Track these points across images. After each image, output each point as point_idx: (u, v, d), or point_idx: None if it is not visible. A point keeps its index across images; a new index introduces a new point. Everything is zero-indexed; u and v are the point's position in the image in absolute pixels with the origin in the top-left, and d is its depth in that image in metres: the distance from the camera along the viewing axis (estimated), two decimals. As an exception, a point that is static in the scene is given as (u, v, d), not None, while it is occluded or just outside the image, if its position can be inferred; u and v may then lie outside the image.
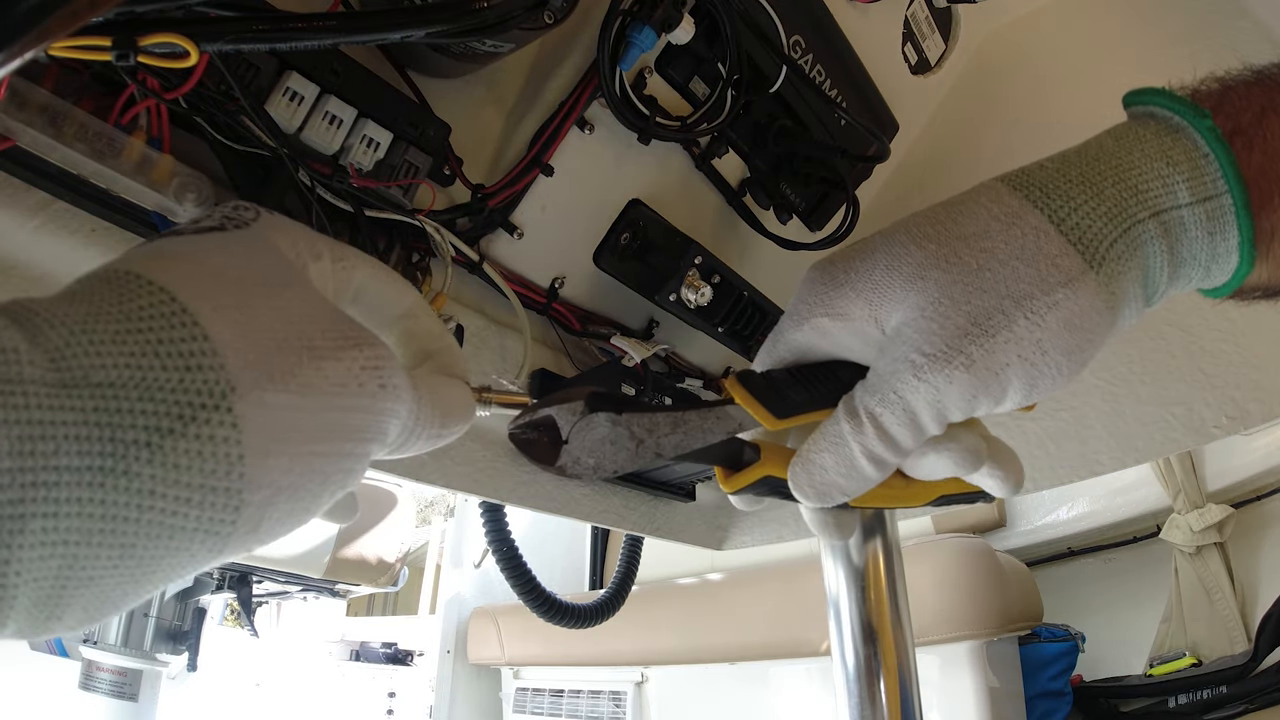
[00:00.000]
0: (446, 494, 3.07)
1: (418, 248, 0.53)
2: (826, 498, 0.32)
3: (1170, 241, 0.28)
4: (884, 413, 0.29)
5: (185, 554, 0.20)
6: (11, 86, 0.33)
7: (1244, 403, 0.63)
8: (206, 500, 0.20)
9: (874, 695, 0.54)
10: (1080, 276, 0.27)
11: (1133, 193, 0.28)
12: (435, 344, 0.32)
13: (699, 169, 0.65)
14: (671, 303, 0.61)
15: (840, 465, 0.31)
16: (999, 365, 0.27)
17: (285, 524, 0.23)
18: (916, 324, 0.28)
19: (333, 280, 0.28)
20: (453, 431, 0.29)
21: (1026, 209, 0.28)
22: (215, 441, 0.20)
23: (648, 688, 2.27)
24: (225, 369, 0.20)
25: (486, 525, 0.92)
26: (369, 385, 0.24)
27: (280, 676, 3.34)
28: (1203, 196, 0.28)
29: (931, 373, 0.28)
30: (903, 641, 0.56)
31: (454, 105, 0.52)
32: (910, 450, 0.30)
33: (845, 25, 0.64)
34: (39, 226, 0.39)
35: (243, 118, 0.40)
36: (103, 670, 2.06)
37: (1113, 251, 0.28)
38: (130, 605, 0.21)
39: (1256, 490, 2.13)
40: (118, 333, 0.20)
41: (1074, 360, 0.28)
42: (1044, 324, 0.27)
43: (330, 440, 0.23)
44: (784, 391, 0.32)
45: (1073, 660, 1.86)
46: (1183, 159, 0.28)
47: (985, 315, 0.27)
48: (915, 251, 0.29)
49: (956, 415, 0.29)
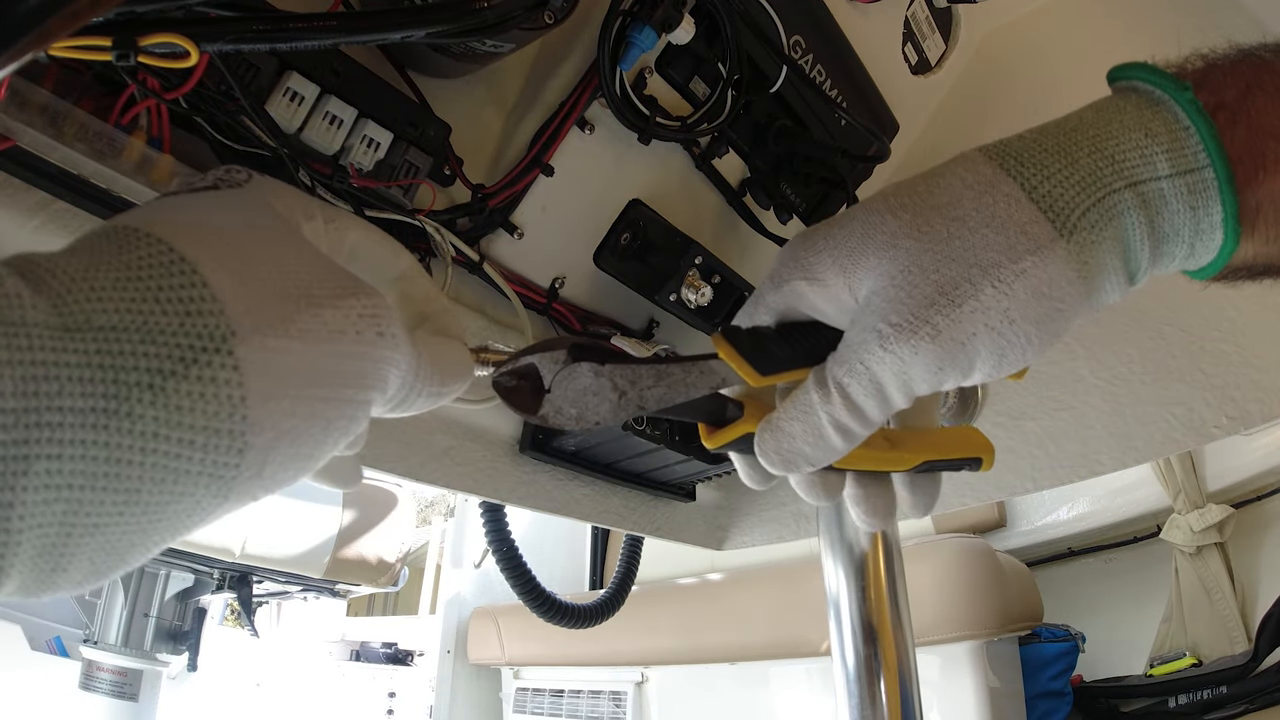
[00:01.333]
0: (446, 494, 3.07)
1: (418, 248, 0.53)
2: (791, 465, 0.31)
3: (1149, 214, 0.28)
4: (851, 383, 0.29)
5: (190, 500, 0.20)
6: (12, 86, 0.33)
7: (1244, 403, 0.63)
8: (210, 442, 0.20)
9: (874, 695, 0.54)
10: (1049, 245, 0.27)
11: (1109, 162, 0.28)
12: (431, 306, 0.32)
13: (699, 169, 0.65)
14: (671, 303, 0.61)
15: (808, 434, 0.31)
16: (965, 335, 0.27)
17: (289, 469, 0.23)
18: (885, 293, 0.28)
19: (326, 240, 0.28)
20: (452, 389, 0.30)
21: (1000, 177, 0.28)
22: (217, 384, 0.20)
23: (648, 688, 2.27)
24: (225, 314, 0.21)
25: (486, 525, 0.92)
26: (367, 332, 0.24)
27: (280, 676, 3.34)
28: (1183, 169, 0.27)
29: (897, 343, 0.28)
30: (903, 641, 0.56)
31: (454, 105, 0.52)
32: (878, 422, 0.30)
33: (845, 25, 0.64)
34: (39, 226, 0.39)
35: (243, 118, 0.40)
36: (103, 670, 2.06)
37: (1085, 220, 0.27)
38: (138, 558, 0.21)
39: (1256, 490, 2.13)
40: (118, 280, 0.20)
41: (1044, 330, 0.28)
42: (1011, 292, 0.27)
43: (331, 385, 0.23)
44: (769, 348, 0.32)
45: (1073, 660, 1.86)
46: (1162, 131, 0.28)
47: (952, 284, 0.27)
48: (890, 220, 0.29)
49: (923, 387, 0.29)
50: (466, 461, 0.62)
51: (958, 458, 0.35)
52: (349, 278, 0.25)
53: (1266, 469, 2.05)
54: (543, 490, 0.70)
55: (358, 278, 0.26)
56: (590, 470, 0.72)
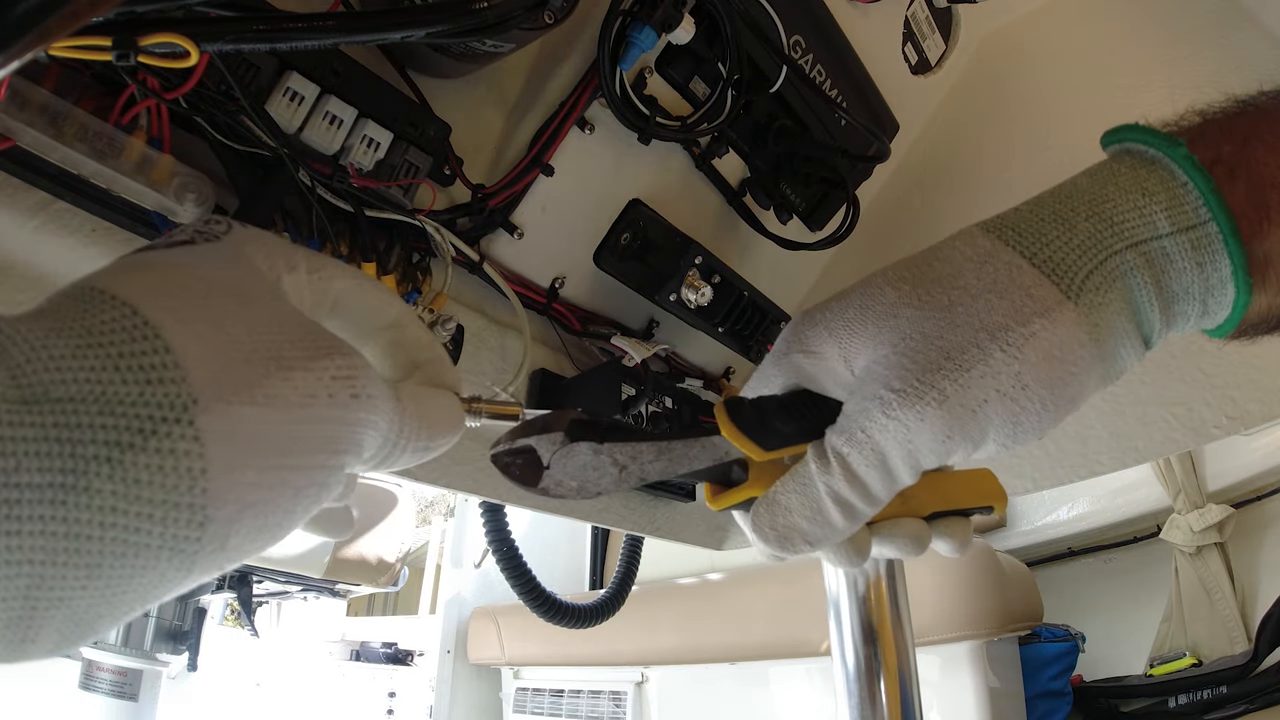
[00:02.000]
0: (446, 494, 3.07)
1: (418, 248, 0.53)
2: (788, 544, 0.30)
3: (1155, 273, 0.27)
4: (852, 453, 0.28)
5: (154, 573, 0.20)
6: (12, 86, 0.33)
7: (1244, 403, 0.63)
8: (169, 516, 0.19)
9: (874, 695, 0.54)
10: (1057, 306, 0.26)
11: (1107, 224, 0.27)
12: (423, 354, 0.31)
13: (699, 169, 0.65)
14: (671, 303, 0.61)
15: (806, 509, 0.29)
16: (975, 401, 0.26)
17: (256, 541, 0.22)
18: (887, 360, 0.27)
19: (309, 291, 0.28)
20: (440, 444, 0.29)
21: (999, 247, 0.28)
22: (176, 455, 0.19)
23: (648, 688, 2.27)
24: (187, 381, 0.20)
25: (486, 525, 0.92)
26: (340, 395, 0.23)
27: (280, 676, 3.34)
28: (1184, 225, 0.27)
29: (901, 409, 0.26)
30: (903, 641, 0.56)
31: (454, 105, 0.52)
32: (883, 499, 0.29)
33: (845, 25, 0.64)
34: (39, 226, 0.39)
35: (243, 118, 0.40)
36: (103, 670, 2.06)
37: (1090, 282, 0.27)
38: (107, 628, 0.21)
39: (1256, 490, 2.13)
40: (78, 347, 0.19)
41: (1059, 395, 0.27)
42: (1022, 356, 0.26)
43: (299, 453, 0.22)
44: (771, 423, 0.31)
45: (1073, 660, 1.86)
46: (1159, 189, 0.27)
47: (959, 349, 0.26)
48: (889, 292, 0.29)
49: (930, 459, 0.27)
50: (466, 461, 0.62)
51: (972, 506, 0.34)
52: (324, 337, 0.24)
53: (1266, 469, 2.05)
54: (543, 490, 0.70)
55: (334, 337, 0.25)
56: (590, 470, 0.72)
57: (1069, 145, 0.73)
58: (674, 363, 0.75)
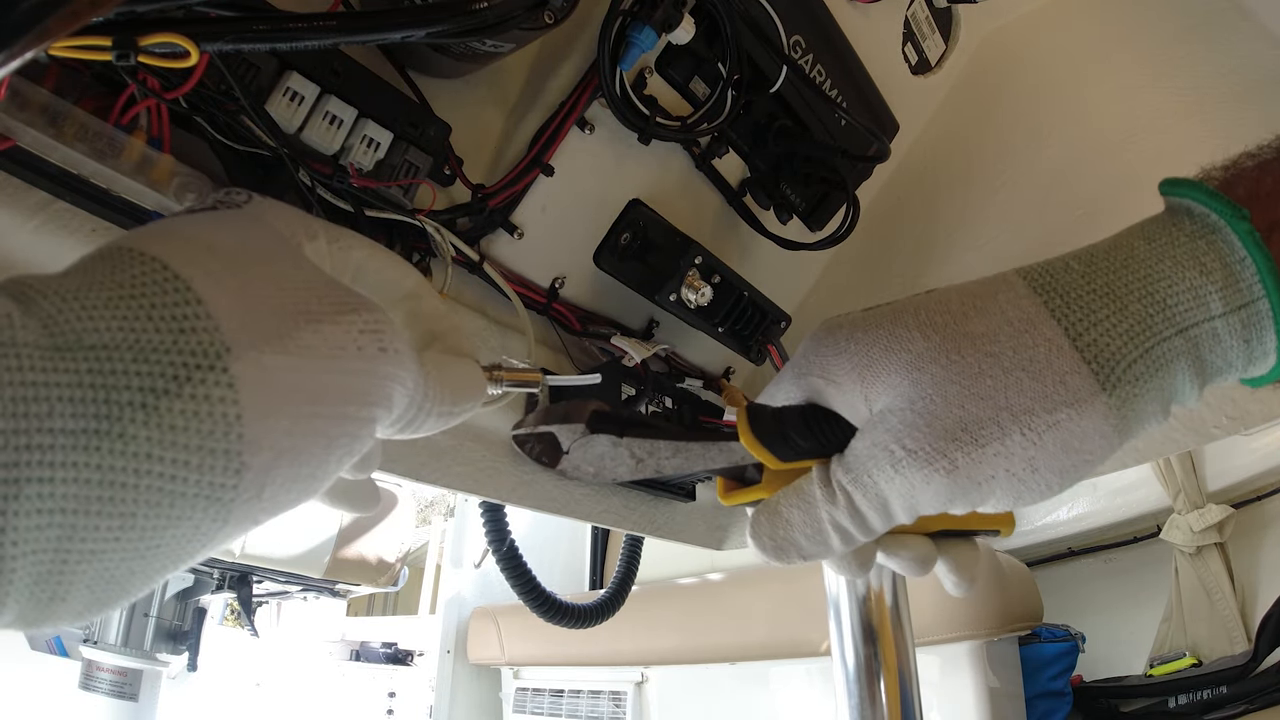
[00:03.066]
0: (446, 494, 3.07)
1: (418, 248, 0.53)
2: (783, 555, 0.30)
3: (1199, 354, 0.27)
4: (855, 493, 0.28)
5: (188, 524, 0.20)
6: (12, 86, 0.33)
7: (1244, 403, 0.63)
8: (205, 463, 0.19)
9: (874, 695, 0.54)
10: (1090, 399, 0.25)
11: (1160, 308, 0.26)
12: (441, 324, 0.32)
13: (699, 169, 0.65)
14: (671, 303, 0.61)
15: (806, 526, 0.29)
16: (983, 476, 0.26)
17: (291, 491, 0.22)
18: (904, 415, 0.27)
19: (329, 260, 0.28)
20: (464, 409, 0.29)
21: (1043, 316, 0.26)
22: (211, 401, 0.19)
23: (648, 688, 2.27)
24: (220, 330, 0.20)
25: (486, 525, 0.92)
26: (369, 348, 0.24)
27: (280, 676, 3.34)
28: (1237, 305, 0.26)
29: (909, 469, 0.27)
30: (903, 641, 0.56)
31: (454, 105, 0.52)
32: (879, 532, 0.29)
33: (845, 25, 0.64)
34: (39, 226, 0.39)
35: (243, 118, 0.40)
36: (103, 670, 2.06)
37: (1130, 373, 0.26)
38: (138, 588, 0.20)
39: (1256, 490, 2.13)
40: (110, 299, 0.20)
41: (1066, 479, 0.27)
42: (1040, 443, 0.26)
43: (331, 402, 0.22)
44: (790, 436, 0.31)
45: (1073, 660, 1.86)
46: (1217, 266, 0.26)
47: (978, 423, 0.26)
48: (919, 340, 0.28)
49: (928, 510, 0.28)
50: (466, 461, 0.62)
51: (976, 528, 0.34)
52: (350, 294, 0.25)
53: (1266, 469, 2.05)
54: (543, 490, 0.70)
55: (359, 294, 0.25)
56: (590, 470, 0.72)
57: (1069, 145, 0.73)
58: (674, 363, 0.75)
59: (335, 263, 0.28)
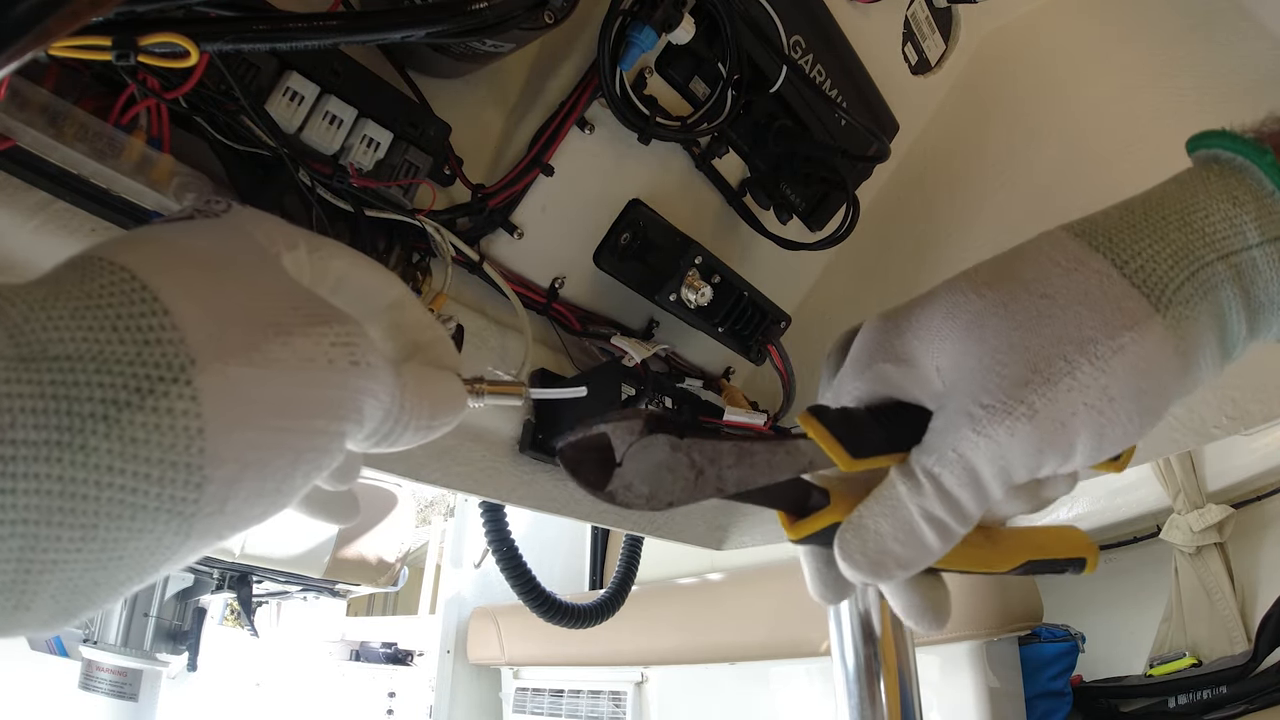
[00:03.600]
0: (446, 494, 3.07)
1: (418, 248, 0.53)
2: (881, 569, 0.29)
3: (1244, 284, 0.27)
4: (943, 472, 0.27)
5: (150, 536, 0.20)
6: (12, 86, 0.33)
7: (1244, 403, 0.63)
8: (166, 476, 0.19)
9: (874, 695, 0.54)
10: (1146, 320, 0.26)
11: (1199, 235, 0.27)
12: (424, 335, 0.32)
13: (699, 169, 0.65)
14: (671, 303, 0.61)
15: (898, 531, 0.28)
16: (1065, 415, 0.26)
17: (255, 505, 0.22)
18: (974, 375, 0.27)
19: (309, 269, 0.28)
20: (443, 423, 0.29)
21: (1088, 253, 0.27)
22: (174, 414, 0.19)
23: (648, 688, 2.27)
24: (185, 343, 0.20)
25: (486, 525, 0.92)
26: (340, 361, 0.23)
27: (280, 676, 3.34)
28: (1273, 235, 0.27)
29: (991, 425, 0.26)
30: (903, 641, 0.56)
31: (454, 105, 0.52)
32: (975, 516, 0.28)
33: (845, 25, 0.64)
34: (39, 226, 0.39)
35: (243, 118, 0.40)
36: (103, 670, 2.06)
37: (1180, 294, 0.26)
38: (104, 598, 0.20)
39: (1256, 490, 2.12)
40: (76, 309, 0.20)
41: (1144, 408, 0.27)
42: (1110, 369, 0.26)
43: (298, 415, 0.22)
44: (861, 429, 0.29)
45: (1073, 660, 1.86)
46: (1249, 199, 0.27)
47: (1046, 362, 0.26)
48: (974, 299, 0.28)
49: (1021, 473, 0.27)
50: (466, 461, 0.62)
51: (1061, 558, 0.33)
52: (323, 305, 0.24)
53: (1266, 469, 2.05)
54: (543, 490, 0.70)
55: (333, 306, 0.25)
56: (590, 470, 0.72)
57: (1069, 144, 0.73)
58: (674, 363, 0.75)
59: (315, 273, 0.28)
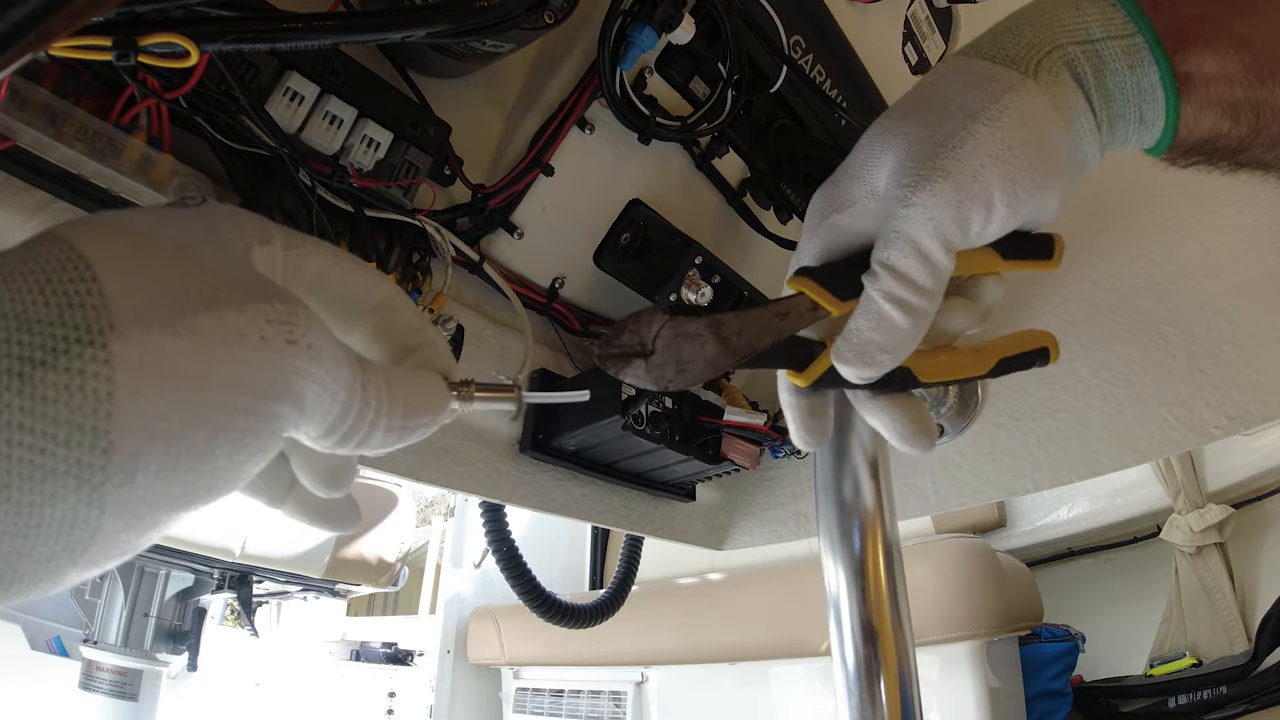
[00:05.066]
0: (446, 494, 3.07)
1: (418, 248, 0.53)
2: (868, 359, 0.33)
3: (1095, 66, 0.32)
4: (890, 253, 0.32)
5: (64, 505, 0.20)
6: (12, 86, 0.33)
7: (1244, 403, 0.63)
8: (73, 439, 0.19)
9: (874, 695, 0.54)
10: (1020, 83, 0.31)
11: (1049, 28, 0.32)
12: (414, 339, 0.31)
13: (699, 169, 0.65)
14: (671, 303, 0.61)
15: (872, 322, 0.32)
16: (974, 168, 0.30)
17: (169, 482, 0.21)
18: (896, 169, 0.32)
19: (282, 265, 0.27)
20: (418, 424, 0.28)
21: (970, 58, 0.33)
22: (85, 376, 0.19)
23: (648, 688, 2.27)
24: (108, 309, 0.20)
25: (486, 525, 0.92)
26: (274, 339, 0.23)
27: (280, 676, 3.34)
28: (1115, 34, 0.31)
29: (916, 194, 0.31)
30: (903, 641, 0.56)
31: (454, 105, 0.52)
32: (931, 288, 0.32)
33: (845, 25, 0.64)
34: (39, 226, 0.39)
35: (243, 118, 0.40)
36: (103, 670, 2.06)
37: (1044, 65, 0.31)
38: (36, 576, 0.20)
39: (1256, 490, 2.12)
40: (10, 274, 0.20)
41: (1043, 156, 0.31)
42: (1001, 123, 0.30)
43: (219, 390, 0.21)
44: (840, 276, 0.34)
45: (1073, 660, 1.86)
46: (1091, 6, 0.32)
47: (948, 134, 0.31)
48: (886, 121, 0.33)
49: (955, 231, 0.31)
50: (466, 461, 0.62)
51: (1031, 350, 0.38)
52: (268, 285, 0.24)
53: (1266, 469, 2.05)
54: (543, 490, 0.70)
55: (282, 289, 0.24)
56: (590, 470, 0.72)
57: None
58: (674, 363, 0.75)
59: (289, 269, 0.27)
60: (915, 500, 0.80)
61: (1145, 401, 0.68)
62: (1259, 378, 0.63)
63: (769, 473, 0.93)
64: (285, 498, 0.31)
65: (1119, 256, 0.70)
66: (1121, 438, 0.69)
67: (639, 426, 0.66)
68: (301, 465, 0.30)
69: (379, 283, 0.30)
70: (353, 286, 0.30)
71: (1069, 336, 0.72)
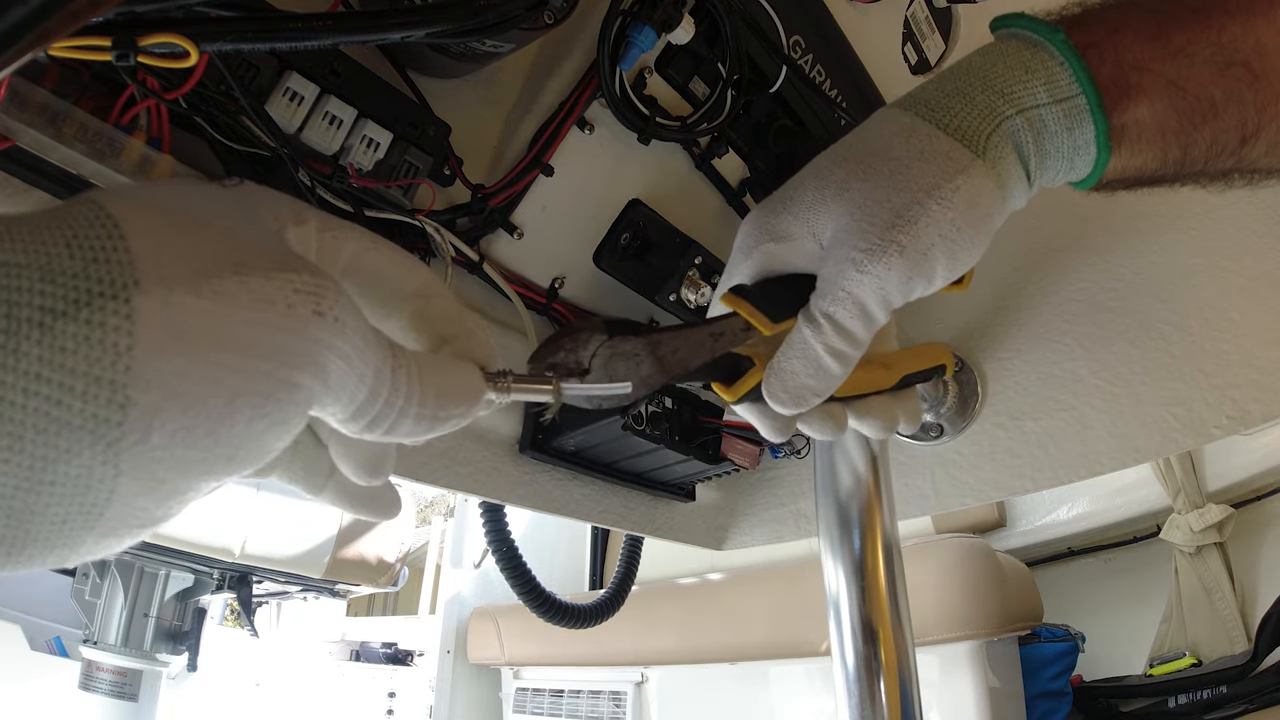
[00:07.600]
0: (446, 494, 3.07)
1: (418, 248, 0.53)
2: (800, 399, 0.35)
3: (1035, 133, 0.33)
4: (836, 310, 0.33)
5: (79, 462, 0.19)
6: (12, 86, 0.33)
7: (1244, 403, 0.63)
8: (90, 391, 0.19)
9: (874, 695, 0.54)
10: (971, 164, 0.33)
11: (1000, 95, 0.33)
12: (452, 328, 0.30)
13: (699, 169, 0.65)
14: (671, 303, 0.61)
15: (808, 368, 0.35)
16: (925, 246, 0.32)
17: (186, 444, 0.21)
18: (849, 228, 0.33)
19: (316, 246, 0.27)
20: (451, 414, 0.27)
21: (917, 122, 0.34)
22: (105, 329, 0.19)
23: (648, 688, 2.27)
24: (133, 266, 0.20)
25: (486, 525, 0.92)
26: (300, 308, 0.22)
27: (280, 676, 3.34)
28: (1059, 97, 0.33)
29: (871, 264, 0.32)
30: (903, 641, 0.56)
31: (454, 105, 0.52)
32: (865, 342, 0.34)
33: (845, 25, 0.64)
34: (39, 226, 0.39)
35: (243, 118, 0.40)
36: (103, 670, 2.06)
37: (991, 142, 0.33)
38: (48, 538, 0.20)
39: (1256, 490, 2.12)
40: (38, 228, 0.20)
41: (982, 232, 0.34)
42: (953, 205, 0.32)
43: (241, 353, 0.21)
44: (774, 299, 0.36)
45: (1073, 660, 1.86)
46: (1040, 67, 0.33)
47: (905, 208, 0.32)
48: (837, 171, 0.34)
49: (898, 298, 0.33)
50: (466, 461, 0.62)
51: (930, 367, 0.41)
52: (298, 260, 0.23)
53: (1266, 469, 2.05)
54: (543, 490, 0.70)
55: (311, 264, 0.24)
56: (590, 470, 0.72)
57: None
58: (674, 363, 0.75)
59: (323, 251, 0.27)
60: (915, 500, 0.80)
61: (1145, 401, 0.68)
62: (1259, 378, 0.63)
63: (769, 473, 0.93)
64: (325, 485, 0.31)
65: (1119, 256, 0.70)
66: (1121, 438, 0.69)
67: (639, 426, 0.66)
68: (340, 453, 0.30)
69: (416, 269, 0.30)
70: (389, 272, 0.29)
71: (1069, 336, 0.72)
